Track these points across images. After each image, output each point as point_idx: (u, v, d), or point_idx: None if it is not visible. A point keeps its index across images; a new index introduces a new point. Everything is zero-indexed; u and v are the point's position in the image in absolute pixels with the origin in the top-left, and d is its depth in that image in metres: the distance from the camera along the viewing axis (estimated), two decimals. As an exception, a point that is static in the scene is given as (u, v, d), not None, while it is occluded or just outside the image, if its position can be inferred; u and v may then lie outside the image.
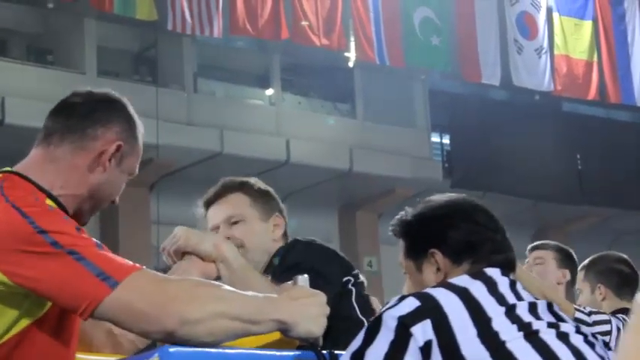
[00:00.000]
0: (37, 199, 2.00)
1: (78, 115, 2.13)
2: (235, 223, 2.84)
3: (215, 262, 2.37)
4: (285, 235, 2.92)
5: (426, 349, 1.91)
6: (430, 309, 1.96)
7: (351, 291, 2.68)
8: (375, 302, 2.77)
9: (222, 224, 2.84)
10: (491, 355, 1.91)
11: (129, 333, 2.09)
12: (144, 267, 1.96)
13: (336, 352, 1.98)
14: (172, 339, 1.87)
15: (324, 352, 1.97)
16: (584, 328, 2.06)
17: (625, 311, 3.92)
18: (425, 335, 1.92)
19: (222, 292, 1.95)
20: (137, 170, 2.21)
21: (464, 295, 2.01)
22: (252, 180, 2.94)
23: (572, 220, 17.59)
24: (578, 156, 17.36)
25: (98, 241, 1.98)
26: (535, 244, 4.35)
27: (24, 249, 1.90)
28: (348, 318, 2.56)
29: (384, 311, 2.00)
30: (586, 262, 4.29)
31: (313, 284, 2.03)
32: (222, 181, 2.92)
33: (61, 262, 1.90)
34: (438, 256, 2.17)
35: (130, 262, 1.95)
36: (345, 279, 2.68)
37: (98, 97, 2.19)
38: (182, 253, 2.43)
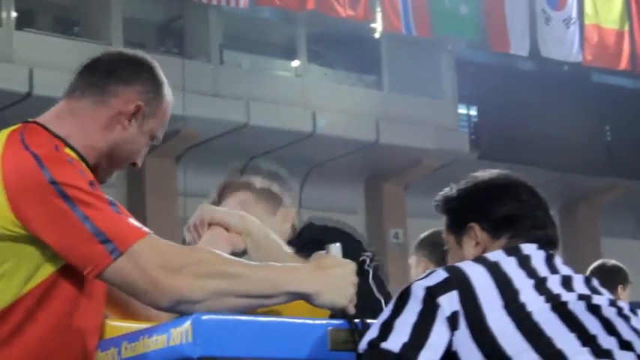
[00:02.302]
0: (56, 148, 1.99)
1: (101, 71, 2.12)
2: None
3: (240, 236, 2.36)
4: (293, 227, 2.88)
5: (453, 320, 1.92)
6: (457, 281, 1.96)
7: (367, 271, 2.68)
8: None
9: None
10: (517, 326, 1.91)
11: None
12: (151, 232, 1.94)
13: (368, 321, 1.98)
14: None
15: (357, 320, 1.97)
16: (621, 303, 2.04)
17: None
18: (452, 306, 1.93)
19: (231, 268, 1.92)
20: (161, 135, 2.18)
21: (493, 268, 2.01)
22: (258, 175, 2.84)
23: (600, 192, 17.47)
24: (607, 127, 17.22)
25: (111, 199, 1.96)
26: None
27: (37, 197, 1.90)
28: (367, 294, 2.56)
29: (412, 283, 2.00)
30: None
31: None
32: (227, 178, 2.86)
33: (67, 222, 1.89)
34: (477, 229, 2.17)
35: (138, 226, 1.93)
36: (361, 258, 2.67)
37: (125, 56, 2.17)
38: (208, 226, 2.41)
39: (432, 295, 1.94)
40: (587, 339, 1.91)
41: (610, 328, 1.94)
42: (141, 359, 1.94)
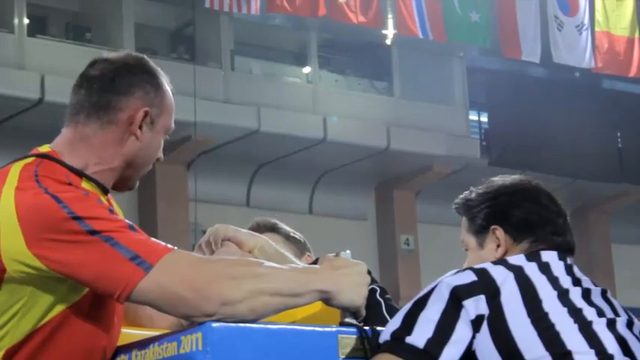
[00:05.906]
0: (71, 183, 1.98)
1: (98, 89, 2.08)
2: None
3: (251, 252, 2.39)
4: None
5: (476, 322, 1.95)
6: (485, 284, 1.99)
7: (380, 302, 2.72)
8: None
9: None
10: (539, 335, 1.93)
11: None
12: (176, 248, 1.94)
13: (378, 328, 1.98)
14: (213, 320, 1.85)
15: (366, 327, 1.97)
16: (636, 321, 2.06)
17: None
18: (477, 310, 1.96)
19: (260, 268, 1.93)
20: (173, 124, 2.15)
21: (518, 273, 2.03)
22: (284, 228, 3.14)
23: (611, 199, 17.44)
24: (619, 134, 17.19)
25: (131, 223, 1.96)
26: None
27: (59, 235, 1.89)
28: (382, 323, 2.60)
29: (441, 280, 2.02)
30: None
31: None
32: (256, 220, 3.06)
33: (95, 248, 1.88)
34: (500, 232, 2.20)
35: (163, 244, 1.93)
36: (371, 286, 2.71)
37: (115, 64, 2.12)
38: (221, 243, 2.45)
39: (457, 297, 1.96)
40: (604, 358, 1.93)
41: (626, 349, 1.96)
42: (151, 367, 1.94)
